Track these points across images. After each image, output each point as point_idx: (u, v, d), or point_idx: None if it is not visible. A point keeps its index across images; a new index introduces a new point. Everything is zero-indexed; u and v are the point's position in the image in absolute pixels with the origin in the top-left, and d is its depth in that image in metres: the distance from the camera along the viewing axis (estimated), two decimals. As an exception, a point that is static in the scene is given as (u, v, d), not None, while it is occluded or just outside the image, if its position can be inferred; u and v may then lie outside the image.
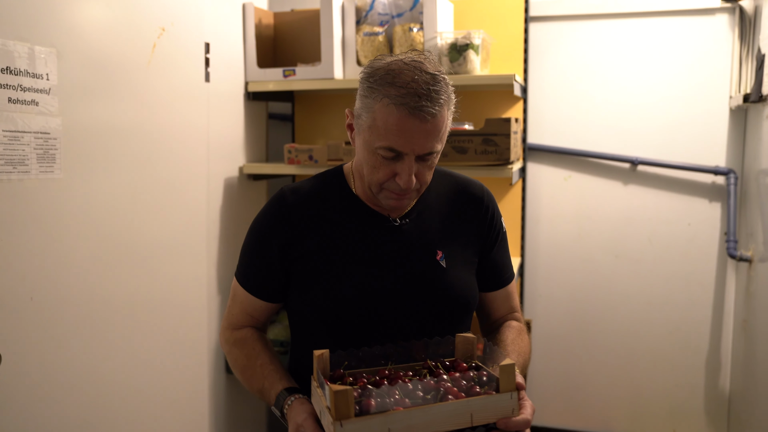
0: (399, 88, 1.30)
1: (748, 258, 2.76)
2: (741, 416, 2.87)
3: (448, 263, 1.49)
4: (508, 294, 1.65)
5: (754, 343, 2.71)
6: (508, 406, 1.20)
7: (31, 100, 1.69)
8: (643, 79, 2.99)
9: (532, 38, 3.03)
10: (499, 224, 1.62)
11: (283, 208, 1.50)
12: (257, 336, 1.56)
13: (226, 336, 1.59)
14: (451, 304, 1.48)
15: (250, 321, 1.58)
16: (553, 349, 3.21)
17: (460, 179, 1.63)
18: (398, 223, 1.49)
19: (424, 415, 1.14)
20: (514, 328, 1.59)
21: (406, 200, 1.43)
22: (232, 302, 1.59)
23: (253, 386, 1.48)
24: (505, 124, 2.41)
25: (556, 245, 3.16)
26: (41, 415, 1.76)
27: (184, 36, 2.30)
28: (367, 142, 1.37)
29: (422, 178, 1.39)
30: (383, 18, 2.71)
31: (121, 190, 2.03)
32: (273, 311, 1.58)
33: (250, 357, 1.51)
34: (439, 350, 1.37)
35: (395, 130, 1.31)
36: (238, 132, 2.74)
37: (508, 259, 1.65)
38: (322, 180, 1.56)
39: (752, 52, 2.74)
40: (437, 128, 1.33)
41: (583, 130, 3.07)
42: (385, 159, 1.35)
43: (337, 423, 1.10)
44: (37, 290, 1.74)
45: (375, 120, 1.33)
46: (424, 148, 1.34)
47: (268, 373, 1.45)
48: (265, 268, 1.51)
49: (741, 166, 2.90)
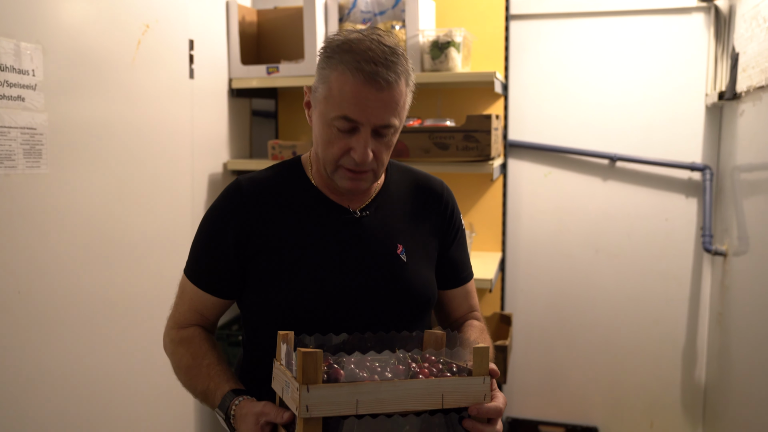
0: (355, 55, 1.27)
1: (723, 252, 2.82)
2: (716, 408, 2.93)
3: (408, 258, 1.45)
4: (468, 292, 1.61)
5: (728, 336, 2.77)
6: (481, 390, 1.14)
7: (17, 95, 1.70)
8: (621, 77, 3.04)
9: (513, 36, 3.07)
10: (459, 221, 1.59)
11: (239, 199, 1.43)
12: (205, 335, 1.47)
13: (172, 336, 1.48)
14: (412, 299, 1.44)
15: (198, 320, 1.48)
16: (533, 343, 3.25)
17: (420, 175, 1.59)
18: (358, 216, 1.44)
19: (394, 389, 1.08)
20: (476, 327, 1.55)
21: (363, 182, 1.37)
22: (180, 300, 1.50)
23: (196, 387, 1.38)
24: (486, 121, 2.45)
25: (536, 240, 3.20)
26: (28, 409, 1.77)
27: (169, 33, 2.32)
28: (323, 114, 1.32)
29: (379, 156, 1.34)
30: (366, 16, 2.74)
31: (107, 185, 2.04)
32: (224, 309, 1.50)
33: (196, 356, 1.41)
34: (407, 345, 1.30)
35: (350, 98, 1.27)
36: (222, 128, 2.76)
37: (467, 257, 1.62)
38: (279, 170, 1.50)
39: (727, 50, 2.80)
40: (394, 99, 1.29)
41: (563, 126, 3.12)
42: (341, 132, 1.30)
43: (303, 387, 1.02)
44: (24, 284, 1.75)
45: (331, 89, 1.29)
46: (381, 119, 1.29)
47: (215, 373, 1.36)
48: (218, 262, 1.42)
49: (716, 162, 2.96)
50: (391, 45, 1.31)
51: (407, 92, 1.35)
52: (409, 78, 1.35)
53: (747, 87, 2.45)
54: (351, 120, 1.29)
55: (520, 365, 3.27)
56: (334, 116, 1.30)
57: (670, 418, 3.14)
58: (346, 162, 1.33)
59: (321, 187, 1.45)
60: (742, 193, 2.66)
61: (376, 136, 1.32)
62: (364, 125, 1.29)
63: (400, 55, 1.31)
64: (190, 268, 1.47)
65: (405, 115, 1.37)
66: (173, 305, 1.51)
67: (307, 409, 1.03)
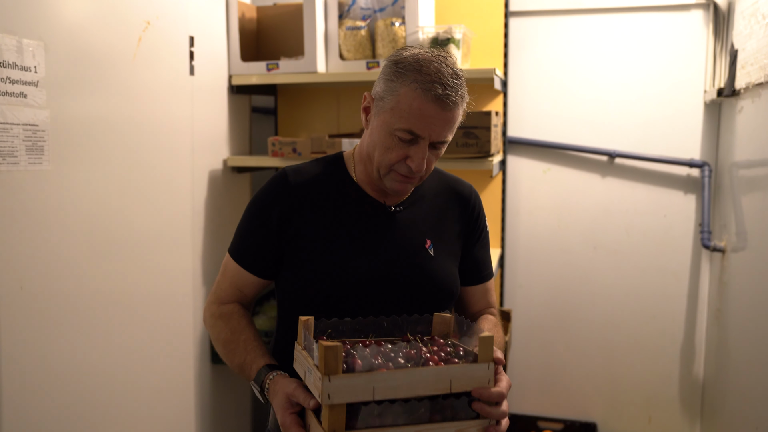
0: (426, 75, 1.37)
1: (722, 248, 2.83)
2: (714, 403, 2.95)
3: (435, 252, 1.55)
4: (487, 290, 1.70)
5: (726, 332, 2.78)
6: (485, 376, 1.24)
7: (20, 92, 1.70)
8: (620, 74, 3.05)
9: (512, 33, 3.08)
10: (483, 224, 1.69)
11: (285, 186, 1.54)
12: (243, 312, 1.58)
13: (212, 310, 1.60)
14: (436, 290, 1.53)
15: (238, 296, 1.60)
16: (532, 339, 3.27)
17: (451, 178, 1.69)
18: (392, 210, 1.55)
19: (407, 376, 1.18)
20: (490, 320, 1.64)
21: (410, 185, 1.49)
22: (222, 277, 1.61)
23: (234, 360, 1.50)
24: (486, 118, 2.46)
25: (535, 237, 3.21)
26: (31, 404, 1.78)
27: (169, 29, 2.32)
28: (387, 123, 1.42)
29: (429, 165, 1.46)
30: (365, 12, 2.74)
31: (108, 181, 2.04)
32: (262, 288, 1.60)
33: (235, 331, 1.52)
34: (417, 328, 1.41)
35: (418, 114, 1.38)
36: (222, 125, 2.76)
37: (489, 257, 1.71)
38: (322, 164, 1.61)
39: (726, 47, 2.80)
40: (454, 119, 1.41)
41: (562, 123, 3.13)
42: (402, 141, 1.42)
43: (325, 378, 1.13)
44: (27, 280, 1.76)
45: (399, 102, 1.40)
46: (440, 135, 1.41)
47: (251, 348, 1.47)
48: (261, 242, 1.54)
49: (715, 158, 2.97)
50: (456, 70, 1.42)
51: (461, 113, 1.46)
52: (465, 101, 1.46)
53: (746, 84, 2.46)
54: (414, 134, 1.40)
55: (519, 361, 3.29)
56: (399, 128, 1.40)
57: (668, 413, 3.16)
58: (401, 168, 1.44)
59: (361, 184, 1.56)
60: (740, 189, 2.67)
61: (431, 148, 1.44)
62: (425, 139, 1.41)
63: (461, 78, 1.42)
64: (234, 248, 1.59)
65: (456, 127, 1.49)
66: (215, 282, 1.62)
67: (329, 397, 1.14)
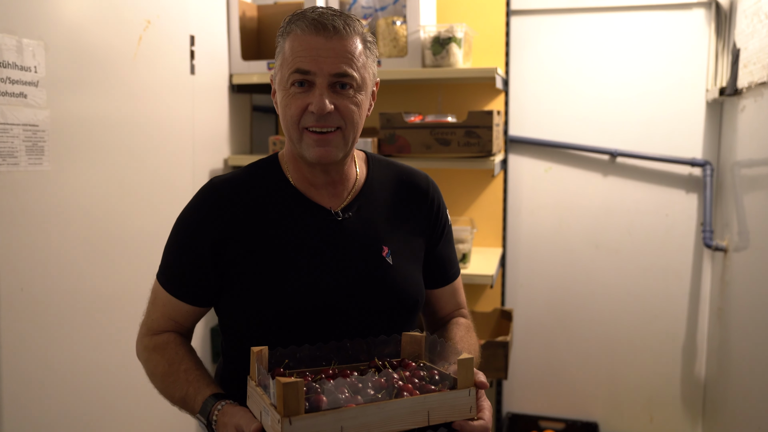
0: (304, 14, 1.29)
1: (724, 248, 2.83)
2: (716, 403, 2.94)
3: (394, 260, 1.40)
4: (455, 290, 1.57)
5: (728, 332, 2.77)
6: (466, 403, 1.12)
7: (20, 92, 1.70)
8: (621, 73, 3.04)
9: (514, 32, 3.07)
10: (445, 217, 1.54)
11: (215, 201, 1.36)
12: (180, 340, 1.40)
13: (145, 343, 1.42)
14: (399, 303, 1.39)
15: (173, 327, 1.42)
16: (533, 338, 3.26)
17: (404, 169, 1.53)
18: (340, 218, 1.38)
19: (379, 411, 1.04)
20: (462, 325, 1.52)
21: (331, 147, 1.31)
22: (152, 306, 1.43)
23: (174, 394, 1.33)
24: (488, 117, 2.45)
25: (536, 236, 3.20)
26: (31, 405, 1.77)
27: (170, 28, 2.31)
28: (281, 83, 1.31)
29: (345, 111, 1.29)
30: (367, 11, 2.73)
31: (109, 181, 2.04)
32: (199, 316, 1.43)
33: (173, 362, 1.35)
34: (385, 350, 1.28)
35: (301, 50, 1.27)
36: (222, 124, 2.75)
37: (454, 253, 1.57)
38: (255, 169, 1.43)
39: (728, 46, 2.79)
40: (346, 48, 1.27)
41: (564, 122, 3.11)
42: (298, 91, 1.28)
43: (285, 420, 0.98)
44: (27, 281, 1.75)
45: (284, 54, 1.30)
46: (333, 66, 1.26)
47: (194, 378, 1.31)
48: (193, 268, 1.36)
49: (717, 157, 2.97)
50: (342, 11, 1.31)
51: (366, 53, 1.33)
52: (367, 39, 1.34)
53: (748, 83, 2.45)
54: (303, 71, 1.27)
55: (520, 360, 3.28)
56: (288, 75, 1.28)
57: (669, 413, 3.15)
58: (307, 121, 1.29)
59: (300, 186, 1.40)
60: (742, 188, 2.66)
61: (335, 90, 1.29)
62: (318, 75, 1.27)
63: (353, 18, 1.31)
64: (163, 274, 1.41)
65: (368, 77, 1.34)
66: (146, 311, 1.45)
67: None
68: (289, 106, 1.29)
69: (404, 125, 2.52)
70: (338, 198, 1.41)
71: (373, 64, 1.35)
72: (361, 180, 1.45)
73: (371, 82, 1.36)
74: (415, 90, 2.99)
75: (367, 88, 1.34)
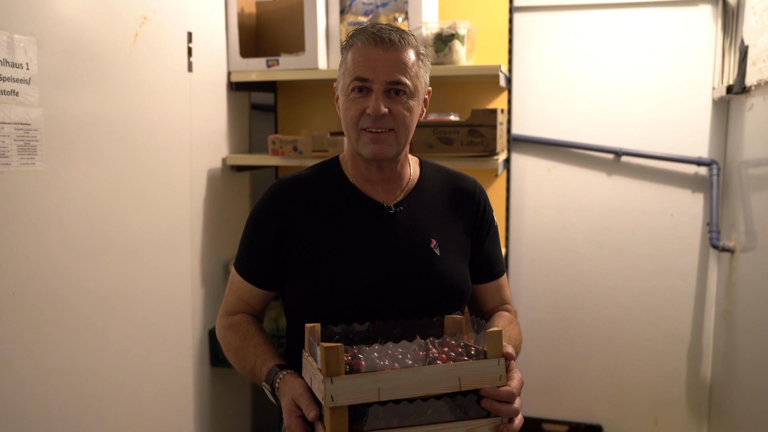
0: (363, 30, 1.44)
1: (730, 248, 2.79)
2: (721, 405, 2.90)
3: (441, 252, 1.52)
4: (500, 286, 1.66)
5: (735, 333, 2.74)
6: (496, 372, 1.20)
7: (11, 90, 1.65)
8: (626, 70, 3.00)
9: (517, 29, 3.02)
10: (491, 218, 1.65)
11: (279, 197, 1.54)
12: (252, 320, 1.58)
13: (222, 323, 1.60)
14: (445, 292, 1.50)
15: (245, 308, 1.59)
16: (537, 340, 3.22)
17: (453, 173, 1.66)
18: (392, 211, 1.52)
19: (413, 375, 1.15)
20: (505, 317, 1.60)
21: (385, 145, 1.45)
22: (229, 291, 1.61)
23: (245, 366, 1.49)
24: (492, 115, 2.40)
25: (540, 236, 3.16)
26: (26, 411, 1.73)
27: (167, 25, 2.26)
28: (343, 89, 1.46)
29: (398, 115, 1.43)
30: (368, 7, 2.68)
31: (104, 181, 1.99)
32: (269, 299, 1.60)
33: (244, 338, 1.52)
34: (429, 332, 1.38)
35: (361, 61, 1.41)
36: (221, 123, 2.71)
37: (500, 252, 1.67)
38: (319, 169, 1.60)
39: (735, 43, 2.75)
40: (401, 59, 1.41)
41: (567, 121, 3.07)
42: (357, 96, 1.43)
43: (327, 379, 1.11)
44: (20, 285, 1.71)
45: (346, 64, 1.45)
46: (389, 75, 1.40)
47: (261, 352, 1.47)
48: (261, 256, 1.53)
49: (723, 157, 2.92)
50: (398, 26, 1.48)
51: (419, 63, 1.46)
52: (420, 52, 1.47)
53: (757, 81, 2.40)
54: (362, 79, 1.41)
55: (523, 362, 3.23)
56: (349, 82, 1.43)
57: (674, 415, 3.11)
58: (365, 122, 1.43)
59: (357, 183, 1.54)
60: (749, 188, 2.62)
61: (390, 96, 1.42)
62: (375, 82, 1.41)
63: (408, 33, 1.46)
64: (238, 262, 1.59)
65: (420, 85, 1.47)
66: (225, 295, 1.63)
67: (332, 399, 1.11)
68: (349, 109, 1.44)
69: (406, 124, 2.47)
70: (392, 194, 1.55)
71: (425, 74, 1.49)
72: (414, 180, 1.59)
73: (423, 90, 1.50)
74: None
75: (419, 95, 1.48)
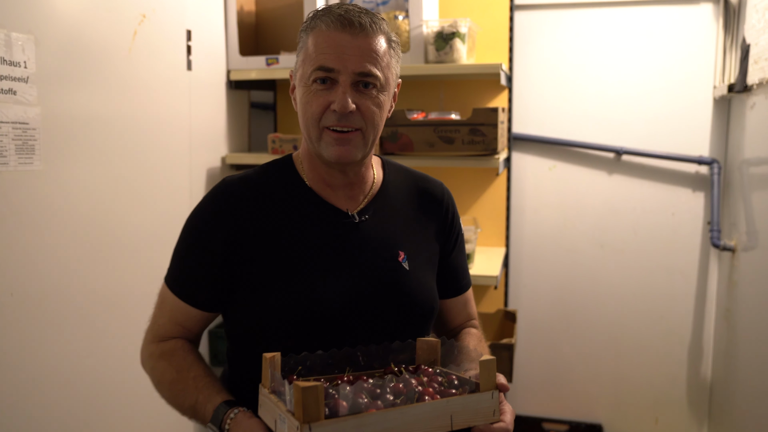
0: (329, 10, 1.25)
1: (732, 247, 2.78)
2: (722, 405, 2.89)
3: (410, 265, 1.36)
4: (467, 300, 1.54)
5: (736, 333, 2.73)
6: (489, 407, 1.09)
7: (9, 89, 1.63)
8: (627, 69, 2.99)
9: (517, 27, 3.01)
10: (459, 226, 1.51)
11: (228, 202, 1.31)
12: (189, 347, 1.35)
13: (151, 350, 1.35)
14: (415, 310, 1.35)
15: (180, 332, 1.36)
16: (537, 339, 3.21)
17: (419, 176, 1.50)
18: (357, 221, 1.34)
19: (401, 416, 1.01)
20: (474, 335, 1.49)
21: (351, 147, 1.26)
22: (159, 311, 1.37)
23: (183, 403, 1.27)
24: (493, 114, 2.39)
25: (540, 235, 3.15)
26: (25, 412, 1.72)
27: (166, 23, 2.25)
28: (302, 78, 1.27)
29: (366, 112, 1.25)
30: (368, 6, 2.67)
31: (102, 181, 1.98)
32: (208, 322, 1.38)
33: (181, 369, 1.29)
34: (400, 356, 1.23)
35: (325, 47, 1.22)
36: (220, 121, 2.69)
37: (466, 263, 1.55)
38: (271, 170, 1.39)
39: (737, 42, 2.74)
40: (371, 47, 1.24)
41: (568, 119, 3.06)
42: (320, 88, 1.24)
43: (305, 426, 0.93)
44: (18, 285, 1.69)
45: (307, 50, 1.25)
46: (358, 65, 1.22)
47: (203, 386, 1.25)
48: (203, 271, 1.31)
49: (724, 156, 2.91)
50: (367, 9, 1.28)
51: (390, 52, 1.28)
52: (391, 39, 1.29)
53: (759, 79, 2.39)
54: (327, 68, 1.22)
55: (524, 362, 3.23)
56: (311, 72, 1.24)
57: (675, 414, 3.10)
58: (328, 120, 1.24)
59: (315, 188, 1.35)
60: (751, 187, 2.61)
61: (358, 89, 1.25)
62: (342, 73, 1.22)
63: (379, 17, 1.28)
64: (171, 277, 1.36)
65: (391, 77, 1.30)
66: (152, 316, 1.39)
67: None
68: (310, 103, 1.25)
69: (407, 123, 2.46)
70: (354, 200, 1.37)
71: (396, 64, 1.32)
72: (378, 183, 1.42)
73: (394, 83, 1.33)
74: (416, 86, 2.93)
75: (390, 89, 1.31)
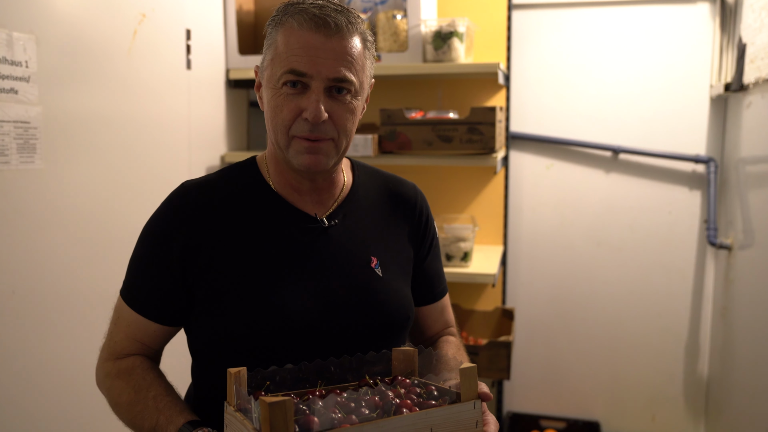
0: (301, 6, 1.16)
1: (728, 245, 2.79)
2: (718, 402, 2.91)
3: (383, 272, 1.29)
4: (443, 307, 1.46)
5: (732, 330, 2.74)
6: (472, 417, 1.02)
7: (10, 88, 1.64)
8: (624, 68, 3.00)
9: (515, 26, 3.02)
10: (433, 230, 1.43)
11: (184, 205, 1.23)
12: (148, 364, 1.25)
13: (107, 369, 1.25)
14: (389, 318, 1.27)
15: (138, 349, 1.26)
16: (535, 337, 3.22)
17: (391, 178, 1.42)
18: (326, 225, 1.27)
19: (378, 430, 0.93)
20: (452, 343, 1.42)
21: (322, 156, 1.18)
22: (115, 327, 1.27)
23: (143, 425, 1.15)
24: (491, 113, 2.40)
25: (538, 233, 3.17)
26: (26, 410, 1.72)
27: (165, 22, 2.25)
28: (270, 80, 1.18)
29: (339, 121, 1.17)
30: (366, 5, 2.68)
31: (103, 179, 1.98)
32: (168, 337, 1.29)
33: (140, 389, 1.19)
34: (375, 368, 1.15)
35: (297, 48, 1.14)
36: (219, 120, 2.70)
37: (442, 269, 1.47)
38: (231, 172, 1.31)
39: (733, 41, 2.75)
40: (346, 50, 1.15)
41: (565, 118, 3.07)
42: (290, 92, 1.15)
43: None
44: (19, 284, 1.70)
45: (277, 48, 1.16)
46: (332, 69, 1.14)
47: (164, 406, 1.15)
48: (160, 281, 1.22)
49: (721, 154, 2.93)
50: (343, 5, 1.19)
51: (365, 53, 1.20)
52: (366, 38, 1.21)
53: (755, 78, 2.40)
54: (299, 73, 1.13)
55: (521, 359, 3.24)
56: (281, 74, 1.15)
57: (672, 412, 3.12)
58: (299, 129, 1.16)
59: (281, 191, 1.27)
60: (747, 185, 2.63)
61: (331, 95, 1.16)
62: (315, 78, 1.14)
63: (355, 14, 1.19)
64: (127, 290, 1.27)
65: (366, 80, 1.22)
66: (107, 332, 1.29)
67: None
68: (279, 108, 1.17)
69: (405, 122, 2.47)
70: (323, 205, 1.30)
71: (371, 65, 1.24)
72: (348, 187, 1.34)
73: (368, 86, 1.26)
74: (414, 85, 2.94)
75: (364, 92, 1.24)
